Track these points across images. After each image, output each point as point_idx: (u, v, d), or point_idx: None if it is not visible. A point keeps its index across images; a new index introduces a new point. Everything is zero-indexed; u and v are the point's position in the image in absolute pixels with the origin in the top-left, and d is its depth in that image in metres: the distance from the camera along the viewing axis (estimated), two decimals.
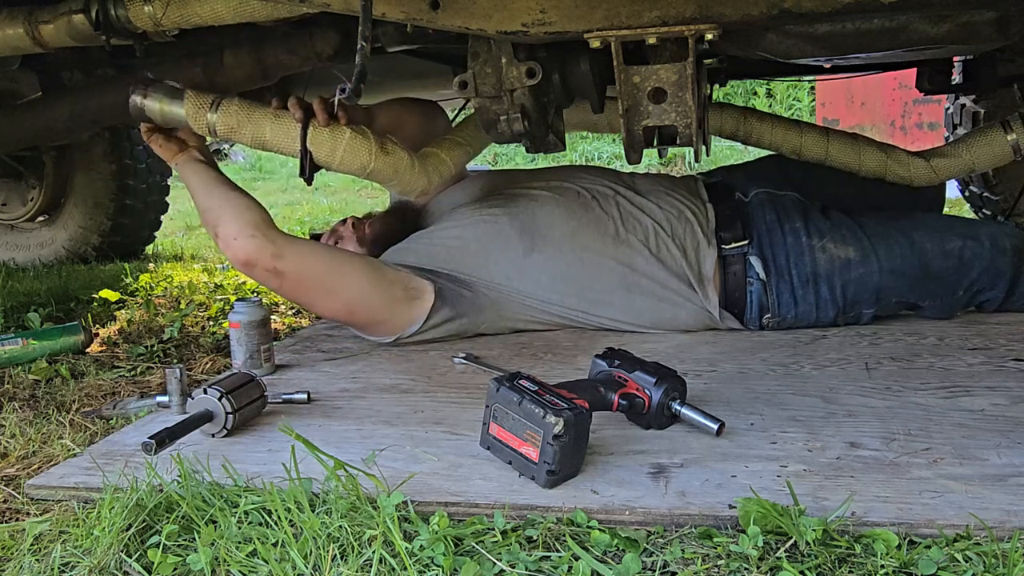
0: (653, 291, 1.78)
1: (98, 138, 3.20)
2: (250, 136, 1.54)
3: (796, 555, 0.89)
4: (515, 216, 1.83)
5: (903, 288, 1.77)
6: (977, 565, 0.85)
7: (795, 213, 1.81)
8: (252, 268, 1.64)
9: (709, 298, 1.77)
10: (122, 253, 3.45)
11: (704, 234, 1.80)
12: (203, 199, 1.68)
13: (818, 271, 1.75)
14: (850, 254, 1.75)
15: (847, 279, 1.75)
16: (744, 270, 1.77)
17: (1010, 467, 1.07)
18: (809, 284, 1.75)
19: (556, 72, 1.50)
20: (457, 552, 0.91)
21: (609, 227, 1.80)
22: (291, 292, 1.71)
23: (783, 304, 1.76)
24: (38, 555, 0.97)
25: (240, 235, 1.62)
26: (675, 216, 1.82)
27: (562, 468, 1.05)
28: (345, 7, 1.35)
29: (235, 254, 1.63)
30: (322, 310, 1.76)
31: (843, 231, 1.78)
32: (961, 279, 1.77)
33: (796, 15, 1.23)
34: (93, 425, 1.43)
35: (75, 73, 2.30)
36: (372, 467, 1.10)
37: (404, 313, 1.74)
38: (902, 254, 1.75)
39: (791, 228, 1.78)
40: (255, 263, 1.63)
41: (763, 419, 1.28)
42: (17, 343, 1.87)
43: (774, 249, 1.77)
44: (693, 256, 1.78)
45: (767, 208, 1.83)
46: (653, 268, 1.77)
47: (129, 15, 1.51)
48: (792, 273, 1.76)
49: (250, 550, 0.93)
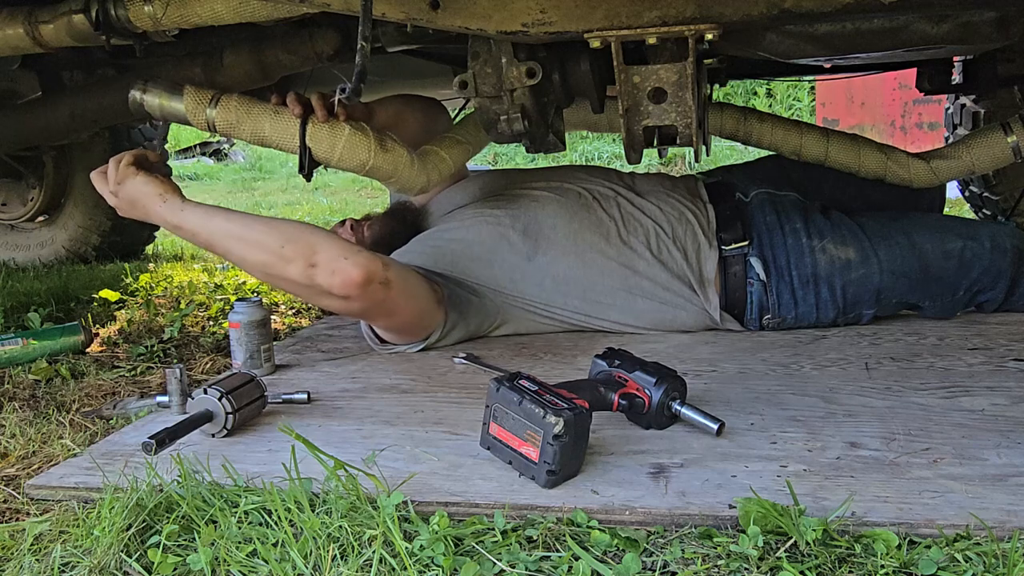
0: (655, 293, 1.78)
1: (98, 138, 3.20)
2: (249, 132, 1.52)
3: (796, 555, 0.89)
4: (517, 217, 1.82)
5: (903, 289, 1.77)
6: (977, 565, 0.85)
7: (795, 213, 1.81)
8: (368, 285, 1.49)
9: (710, 300, 1.77)
10: (122, 253, 3.45)
11: (705, 236, 1.79)
12: (251, 232, 1.50)
13: (818, 272, 1.75)
14: (850, 255, 1.75)
15: (847, 280, 1.75)
16: (744, 271, 1.77)
17: (1010, 467, 1.07)
18: (809, 285, 1.75)
19: (556, 72, 1.50)
20: (457, 552, 0.91)
21: (611, 229, 1.80)
22: (392, 302, 1.58)
23: (783, 305, 1.76)
24: (38, 555, 0.97)
25: (348, 253, 1.49)
26: (676, 218, 1.81)
27: (562, 468, 1.05)
28: (345, 7, 1.35)
29: (349, 276, 1.47)
30: (402, 318, 1.67)
31: (843, 231, 1.78)
32: (961, 279, 1.77)
33: (796, 15, 1.23)
34: (93, 425, 1.43)
35: (75, 73, 2.30)
36: (372, 467, 1.10)
37: (437, 317, 1.73)
38: (902, 255, 1.75)
39: (791, 228, 1.78)
40: (372, 277, 1.49)
41: (763, 419, 1.28)
42: (17, 343, 1.87)
43: (774, 250, 1.77)
44: (694, 258, 1.78)
45: (767, 208, 1.83)
46: (654, 270, 1.77)
47: (129, 15, 1.51)
48: (792, 274, 1.76)
49: (250, 550, 0.93)
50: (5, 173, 3.13)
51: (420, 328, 1.72)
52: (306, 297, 1.68)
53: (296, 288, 1.55)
